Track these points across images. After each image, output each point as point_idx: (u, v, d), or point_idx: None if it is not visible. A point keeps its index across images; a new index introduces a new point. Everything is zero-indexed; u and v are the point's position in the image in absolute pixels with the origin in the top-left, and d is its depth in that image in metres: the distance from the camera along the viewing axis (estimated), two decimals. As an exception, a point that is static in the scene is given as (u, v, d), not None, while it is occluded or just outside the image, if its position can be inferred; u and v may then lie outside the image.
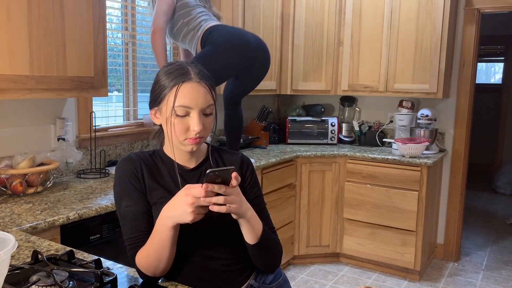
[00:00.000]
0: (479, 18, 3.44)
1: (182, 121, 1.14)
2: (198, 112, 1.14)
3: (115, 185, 1.22)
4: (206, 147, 1.30)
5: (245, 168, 1.28)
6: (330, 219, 3.49)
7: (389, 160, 3.21)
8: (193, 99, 1.13)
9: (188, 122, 1.14)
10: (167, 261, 1.11)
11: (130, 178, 1.19)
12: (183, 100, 1.13)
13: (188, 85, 1.14)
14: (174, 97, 1.13)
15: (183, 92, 1.13)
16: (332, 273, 3.38)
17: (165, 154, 1.26)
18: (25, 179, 1.99)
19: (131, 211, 1.17)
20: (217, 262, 1.20)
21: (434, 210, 3.55)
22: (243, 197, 1.10)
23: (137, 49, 2.89)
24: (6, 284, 0.99)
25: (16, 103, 2.17)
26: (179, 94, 1.13)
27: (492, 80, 7.10)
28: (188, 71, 1.15)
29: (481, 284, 3.25)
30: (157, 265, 1.11)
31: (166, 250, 1.09)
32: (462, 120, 3.53)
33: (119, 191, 1.20)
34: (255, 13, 3.24)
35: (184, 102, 1.13)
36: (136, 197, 1.18)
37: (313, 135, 3.77)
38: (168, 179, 1.21)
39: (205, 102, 1.15)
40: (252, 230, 1.13)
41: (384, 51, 3.43)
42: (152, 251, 1.10)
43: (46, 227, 1.62)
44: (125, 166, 1.21)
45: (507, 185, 5.99)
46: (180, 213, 1.02)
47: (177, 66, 1.17)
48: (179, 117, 1.14)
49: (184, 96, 1.13)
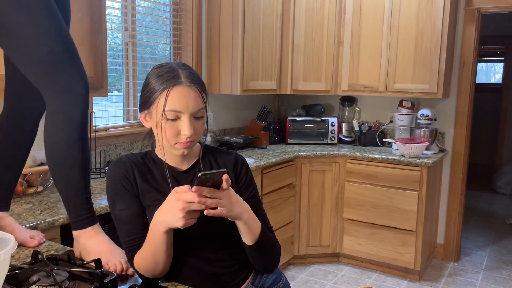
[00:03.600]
0: (479, 18, 3.44)
1: (173, 125, 1.13)
2: (189, 116, 1.12)
3: (108, 189, 1.21)
4: (199, 148, 1.28)
5: (239, 168, 1.26)
6: (330, 219, 3.49)
7: (389, 160, 3.21)
8: (183, 103, 1.11)
9: (178, 126, 1.13)
10: (164, 263, 1.11)
11: (122, 181, 1.18)
12: (173, 104, 1.11)
13: (178, 89, 1.11)
14: (165, 101, 1.11)
15: (173, 96, 1.11)
16: (332, 273, 3.38)
17: (157, 156, 1.25)
18: (25, 179, 1.99)
19: (125, 214, 1.16)
20: (213, 264, 1.19)
21: (434, 210, 3.55)
22: (238, 198, 1.09)
23: (137, 49, 2.89)
24: (6, 284, 0.99)
25: (16, 103, 2.16)
26: (169, 98, 1.11)
27: (492, 80, 7.09)
28: (178, 74, 1.13)
29: (481, 284, 3.25)
30: (154, 267, 1.11)
31: (162, 253, 1.08)
32: (462, 120, 3.53)
33: (112, 194, 1.19)
34: (255, 13, 3.24)
35: (175, 107, 1.11)
36: (130, 200, 1.17)
37: (313, 135, 3.77)
38: (161, 181, 1.20)
39: (196, 106, 1.13)
40: (250, 231, 1.12)
41: (384, 51, 3.43)
42: (148, 254, 1.10)
43: (46, 227, 1.62)
44: (117, 169, 1.20)
45: (507, 185, 5.98)
46: (171, 218, 1.01)
47: (168, 69, 1.15)
48: (170, 121, 1.12)
49: (175, 100, 1.11)
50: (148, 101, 1.15)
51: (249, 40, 3.19)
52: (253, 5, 3.20)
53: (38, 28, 1.18)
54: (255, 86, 3.32)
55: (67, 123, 1.23)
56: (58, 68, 1.21)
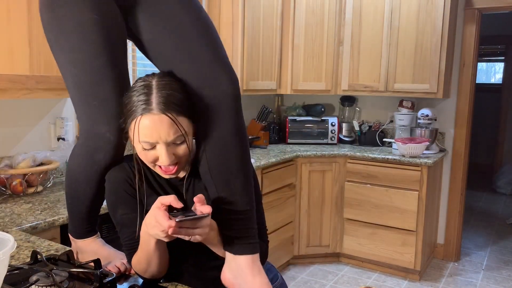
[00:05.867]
0: (479, 18, 3.44)
1: (149, 153, 1.04)
2: (165, 145, 1.02)
3: (108, 195, 1.16)
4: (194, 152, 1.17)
5: None
6: (330, 219, 3.48)
7: (389, 160, 3.20)
8: (154, 134, 1.00)
9: (156, 153, 1.03)
10: (159, 266, 1.10)
11: (124, 186, 1.13)
12: (144, 135, 1.01)
13: (148, 118, 0.99)
14: (137, 131, 1.01)
15: (143, 126, 1.00)
16: (332, 273, 3.38)
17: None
18: (25, 179, 1.99)
19: (128, 218, 1.13)
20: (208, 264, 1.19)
21: (434, 210, 3.54)
22: (212, 224, 1.06)
23: (137, 49, 2.89)
24: (5, 285, 0.99)
25: (16, 103, 2.17)
26: (140, 129, 1.00)
27: (492, 80, 7.09)
28: (149, 98, 1.00)
29: (481, 284, 3.25)
30: (151, 269, 1.10)
31: (155, 258, 1.07)
32: (462, 120, 3.53)
33: (113, 200, 1.15)
34: (255, 13, 3.24)
35: (146, 138, 1.01)
36: (133, 204, 1.13)
37: (313, 135, 3.77)
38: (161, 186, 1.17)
39: (170, 134, 1.01)
40: (221, 252, 1.11)
41: (384, 51, 3.43)
42: (142, 258, 1.09)
43: (46, 227, 1.62)
44: (117, 174, 1.15)
45: (507, 185, 5.98)
46: (155, 234, 0.98)
47: (143, 88, 1.02)
48: (146, 150, 1.04)
49: (145, 132, 1.00)
50: (126, 123, 1.05)
51: (249, 40, 3.19)
52: (253, 5, 3.20)
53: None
54: (255, 86, 3.32)
55: (87, 161, 1.18)
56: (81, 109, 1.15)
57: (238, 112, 1.09)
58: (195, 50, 1.08)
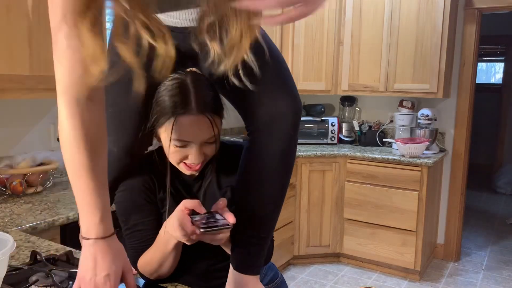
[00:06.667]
0: (479, 18, 3.44)
1: (180, 151, 1.03)
2: (198, 144, 1.02)
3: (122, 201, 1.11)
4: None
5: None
6: (330, 219, 3.48)
7: (389, 160, 3.20)
8: (191, 133, 1.00)
9: (187, 151, 1.03)
10: (171, 267, 1.09)
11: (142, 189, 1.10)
12: (179, 134, 1.00)
13: (187, 118, 0.99)
14: (171, 130, 1.00)
15: (180, 125, 0.99)
16: (332, 273, 3.38)
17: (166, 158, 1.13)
18: (25, 179, 1.99)
19: (143, 222, 1.10)
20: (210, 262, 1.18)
21: (434, 210, 3.54)
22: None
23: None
24: (5, 285, 0.99)
25: (16, 103, 2.16)
26: (177, 128, 0.99)
27: (492, 80, 7.09)
28: (188, 98, 0.99)
29: (482, 284, 3.25)
30: (162, 269, 1.09)
31: (170, 258, 1.06)
32: (462, 120, 3.53)
33: (126, 205, 1.11)
34: (255, 13, 3.24)
35: (182, 137, 1.00)
36: (149, 210, 1.10)
37: (313, 135, 3.77)
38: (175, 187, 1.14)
39: (206, 135, 1.01)
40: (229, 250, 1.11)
41: (384, 51, 3.43)
42: (155, 258, 1.07)
43: (46, 227, 1.62)
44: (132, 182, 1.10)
45: (507, 185, 5.98)
46: (177, 236, 0.98)
47: (178, 87, 1.00)
48: (177, 147, 1.03)
49: (182, 131, 1.00)
50: (158, 122, 1.03)
51: (249, 40, 3.18)
52: (253, 5, 3.19)
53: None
54: (255, 86, 3.31)
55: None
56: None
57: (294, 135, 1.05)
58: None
